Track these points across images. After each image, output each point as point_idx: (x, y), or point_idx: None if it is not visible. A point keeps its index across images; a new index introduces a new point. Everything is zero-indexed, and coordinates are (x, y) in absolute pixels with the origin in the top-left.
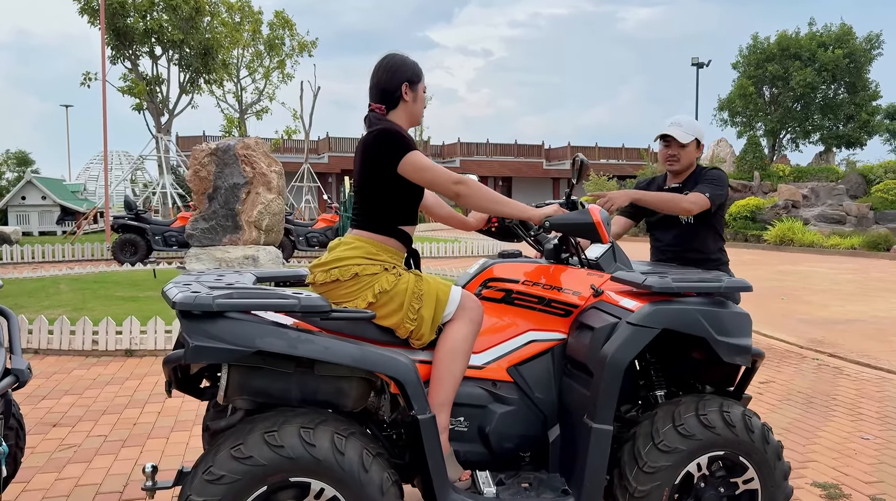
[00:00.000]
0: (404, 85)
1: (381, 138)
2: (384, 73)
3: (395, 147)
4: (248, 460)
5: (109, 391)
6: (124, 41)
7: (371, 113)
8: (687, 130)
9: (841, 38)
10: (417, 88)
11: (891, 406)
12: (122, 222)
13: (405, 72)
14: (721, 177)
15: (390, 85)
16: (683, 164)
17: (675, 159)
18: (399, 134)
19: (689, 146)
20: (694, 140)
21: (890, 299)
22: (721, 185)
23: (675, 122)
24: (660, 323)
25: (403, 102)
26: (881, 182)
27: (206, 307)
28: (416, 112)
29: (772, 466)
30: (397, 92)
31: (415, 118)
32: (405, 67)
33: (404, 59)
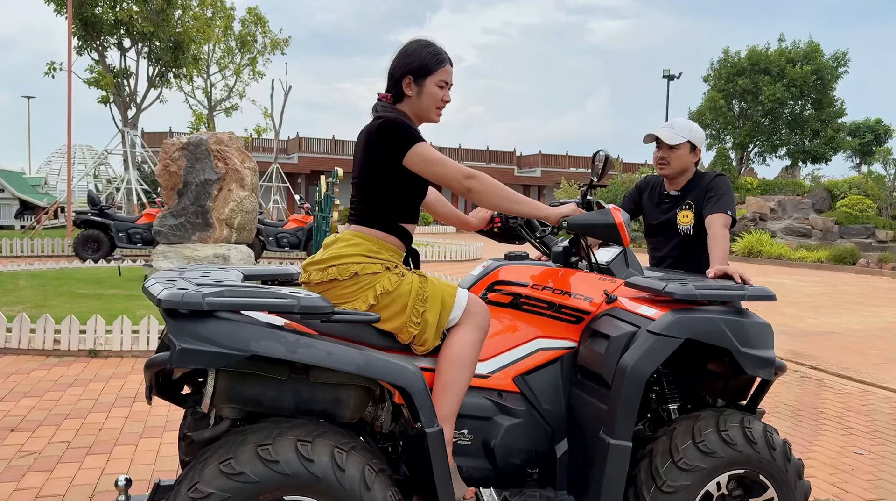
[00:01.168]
0: (407, 78)
1: (386, 129)
2: (396, 59)
3: (401, 138)
4: (239, 476)
5: (72, 393)
6: (92, 31)
7: (378, 102)
8: (678, 132)
9: (809, 54)
10: (424, 82)
11: (879, 420)
12: (85, 218)
13: (411, 63)
14: (726, 184)
15: (394, 75)
16: (674, 168)
17: (664, 163)
18: (405, 124)
19: (680, 149)
20: (686, 143)
21: (861, 313)
22: (729, 193)
23: (668, 124)
24: (683, 333)
25: (406, 96)
26: (846, 197)
27: (196, 306)
28: (423, 108)
29: (792, 485)
30: (399, 84)
31: (422, 115)
32: (413, 57)
33: (416, 49)
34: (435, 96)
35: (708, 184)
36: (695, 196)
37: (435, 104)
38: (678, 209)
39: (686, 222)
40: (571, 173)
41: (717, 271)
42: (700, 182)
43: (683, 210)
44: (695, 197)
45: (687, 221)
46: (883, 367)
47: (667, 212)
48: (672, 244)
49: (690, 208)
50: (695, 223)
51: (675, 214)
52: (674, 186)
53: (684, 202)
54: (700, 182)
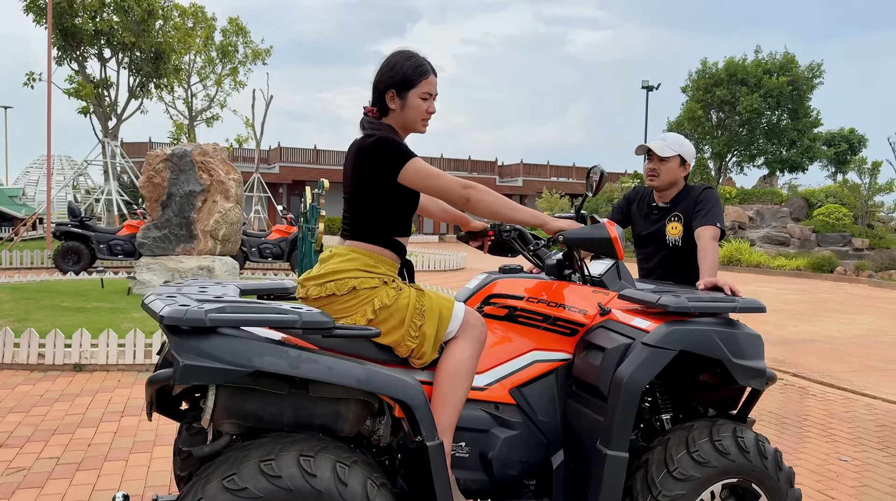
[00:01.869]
0: (390, 92)
1: (378, 148)
2: (379, 72)
3: (395, 156)
4: (242, 492)
5: (59, 408)
6: (72, 42)
7: (364, 117)
8: (670, 145)
9: (785, 65)
10: (407, 95)
11: (861, 427)
12: (65, 229)
13: (394, 76)
14: (715, 197)
15: (376, 90)
16: (664, 180)
17: (654, 174)
18: (396, 142)
19: (671, 163)
20: (676, 156)
21: (840, 320)
22: (720, 206)
23: (660, 137)
24: (678, 344)
25: (391, 110)
26: (822, 206)
27: (198, 323)
28: (408, 121)
29: (784, 493)
30: (383, 98)
31: (407, 127)
32: (396, 70)
33: (398, 62)
34: (419, 108)
35: (697, 197)
36: (683, 208)
37: (420, 116)
38: (667, 221)
39: (675, 234)
40: (553, 183)
41: (707, 283)
42: (689, 195)
43: (672, 222)
44: (683, 209)
45: (676, 232)
46: (863, 374)
47: (655, 223)
48: (661, 255)
49: (679, 220)
50: (683, 235)
51: (664, 225)
52: (663, 198)
53: (673, 214)
54: (689, 195)
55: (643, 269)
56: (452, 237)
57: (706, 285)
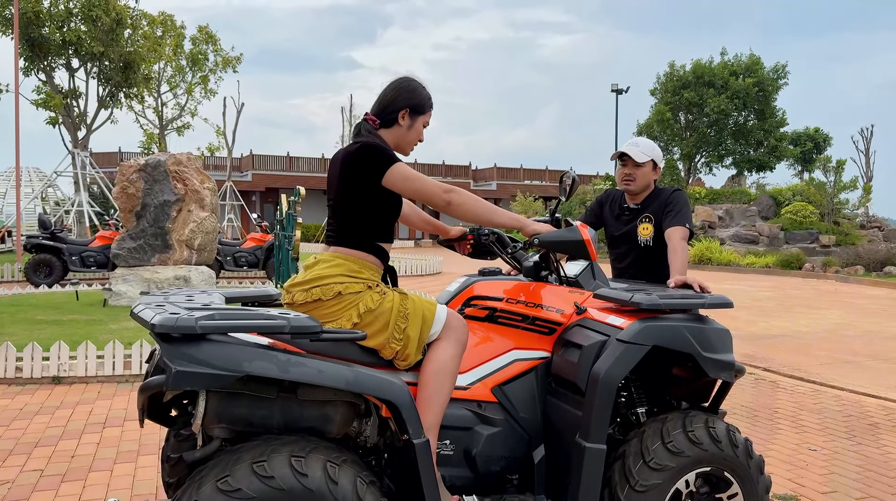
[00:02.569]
0: (404, 110)
1: (364, 152)
2: (391, 90)
3: (380, 160)
4: (236, 493)
5: (40, 421)
6: (39, 52)
7: (363, 122)
8: (644, 151)
9: (750, 67)
10: (417, 119)
11: (829, 418)
12: (36, 242)
13: (411, 98)
14: (683, 200)
15: (392, 104)
16: (639, 184)
17: (630, 179)
18: (381, 147)
19: (645, 167)
20: (650, 161)
21: (809, 315)
22: (687, 207)
23: (633, 142)
24: (650, 340)
25: (398, 125)
26: (790, 204)
27: (189, 330)
28: (406, 141)
29: (755, 480)
30: (395, 114)
31: (403, 146)
32: (414, 93)
33: (416, 87)
34: (419, 133)
35: (667, 198)
36: (654, 210)
37: (416, 140)
38: (638, 222)
39: (646, 235)
40: (526, 186)
41: (677, 281)
42: (659, 197)
43: (643, 223)
44: (654, 211)
45: (647, 233)
46: (831, 367)
47: (627, 224)
48: (633, 255)
49: (650, 221)
50: (654, 236)
51: (636, 226)
52: (634, 200)
53: (644, 215)
54: (659, 197)
55: (616, 269)
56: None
57: (676, 283)
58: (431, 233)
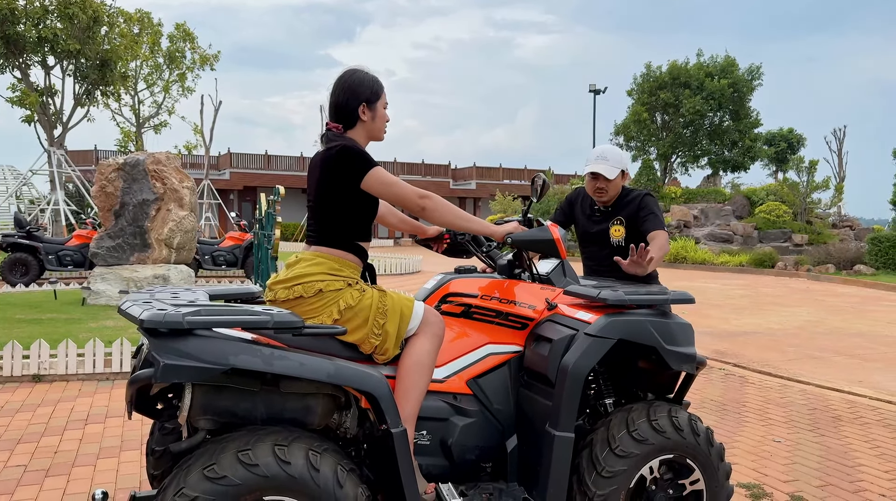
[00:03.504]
0: (362, 105)
1: (343, 155)
2: (342, 92)
3: (358, 163)
4: (222, 480)
5: (21, 418)
6: (14, 49)
7: (328, 131)
8: (613, 164)
9: (725, 68)
10: (376, 106)
11: (794, 411)
12: (12, 241)
13: (363, 91)
14: (655, 204)
15: (348, 105)
16: (611, 195)
17: (602, 192)
18: (361, 151)
19: (616, 179)
20: (620, 172)
21: (780, 313)
22: (659, 210)
23: (600, 155)
24: (616, 334)
25: (361, 121)
26: (764, 204)
27: (176, 325)
28: (376, 130)
29: (715, 467)
30: (355, 113)
31: (374, 135)
32: (363, 86)
33: (363, 78)
34: (384, 117)
35: (639, 203)
36: (626, 213)
37: (384, 123)
38: (610, 224)
39: (618, 236)
40: (506, 185)
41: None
42: (627, 198)
43: (615, 225)
44: (626, 214)
45: (619, 235)
46: (799, 362)
47: (599, 224)
48: (604, 255)
49: (622, 224)
50: (626, 237)
51: (608, 227)
52: (604, 203)
53: (616, 218)
54: (627, 198)
55: (588, 267)
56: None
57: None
58: (409, 232)
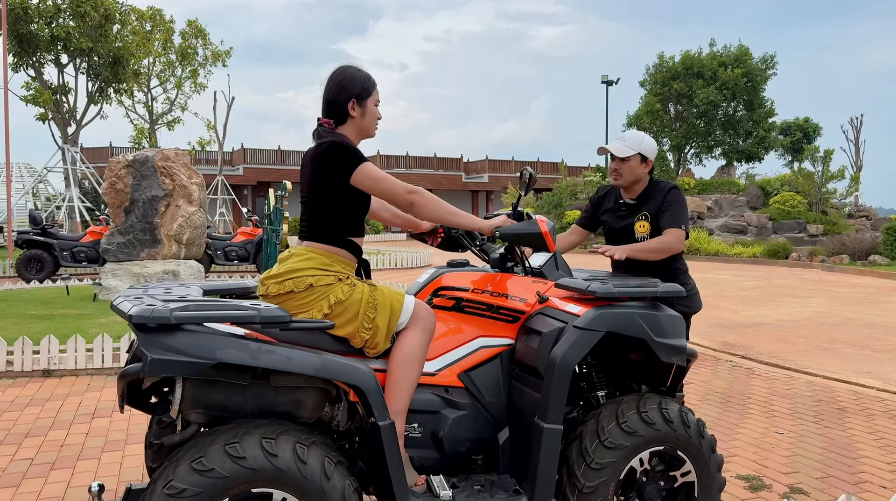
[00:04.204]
0: (351, 101)
1: (333, 151)
2: (333, 88)
3: (348, 159)
4: (209, 472)
5: (30, 413)
6: (28, 48)
7: (319, 127)
8: (629, 145)
9: (739, 58)
10: (366, 103)
11: (800, 403)
12: (27, 238)
13: (353, 87)
14: (680, 197)
15: (338, 101)
16: (627, 178)
17: (617, 174)
18: (350, 147)
19: (631, 161)
20: (637, 155)
21: (791, 304)
22: (684, 206)
23: (620, 136)
24: (604, 326)
25: (351, 118)
26: (778, 194)
27: (164, 320)
28: (366, 127)
29: (707, 459)
30: (345, 108)
31: (365, 132)
32: (353, 82)
33: (354, 74)
34: (374, 114)
35: (664, 196)
36: (651, 207)
37: (375, 120)
38: (635, 219)
39: (643, 232)
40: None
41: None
42: (655, 192)
43: (640, 220)
44: (651, 208)
45: (644, 230)
46: (807, 354)
47: (625, 219)
48: None
49: (647, 219)
50: (651, 232)
51: (633, 223)
52: (630, 195)
53: (641, 212)
54: (655, 192)
55: (614, 264)
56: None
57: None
58: (404, 228)
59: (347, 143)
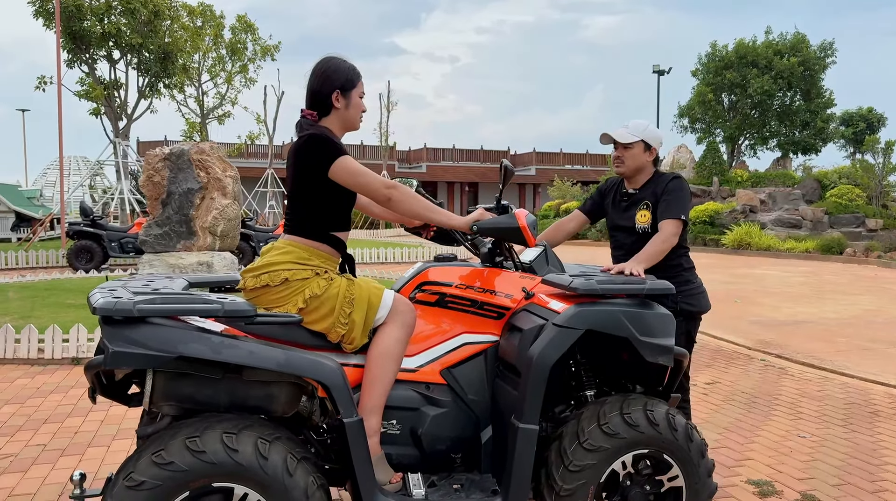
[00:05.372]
0: (335, 92)
1: (311, 144)
2: (316, 78)
3: (326, 152)
4: (168, 466)
5: (53, 399)
6: (81, 45)
7: (302, 118)
8: (632, 131)
9: (795, 46)
10: (351, 94)
11: (830, 405)
12: (78, 229)
13: (337, 79)
14: (681, 188)
15: (321, 92)
16: (629, 166)
17: (619, 161)
18: (329, 139)
19: (634, 149)
20: (640, 142)
21: (839, 301)
22: (684, 196)
23: (625, 124)
24: (584, 324)
25: (335, 109)
26: (835, 187)
27: (127, 313)
28: (350, 118)
29: (696, 463)
30: (328, 99)
31: (349, 124)
32: (338, 73)
33: (338, 65)
34: (359, 106)
35: (665, 186)
36: (652, 196)
37: (359, 112)
38: (637, 209)
39: (644, 222)
40: (566, 171)
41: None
42: (658, 182)
43: (641, 210)
44: (652, 197)
45: (644, 220)
46: (847, 354)
47: (626, 210)
48: (631, 242)
49: (648, 208)
50: (652, 223)
51: (634, 213)
52: (633, 185)
53: (643, 202)
54: (658, 182)
55: (615, 256)
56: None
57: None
58: (396, 222)
59: (326, 135)
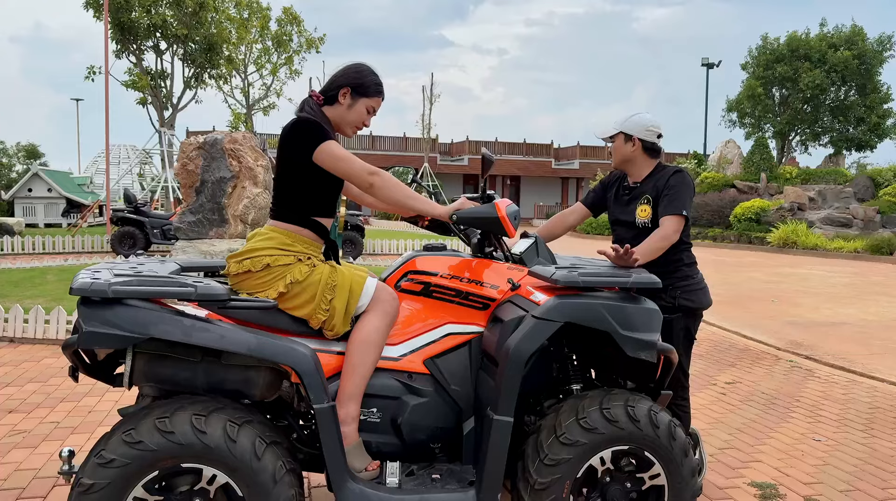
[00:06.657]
0: (346, 88)
1: (297, 127)
2: (344, 70)
3: (311, 136)
4: (138, 445)
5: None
6: (128, 36)
7: (306, 99)
8: (615, 125)
9: (851, 39)
10: (359, 99)
11: (853, 409)
12: (121, 215)
13: (355, 79)
14: (683, 182)
15: (335, 82)
16: (614, 159)
17: (610, 155)
18: (315, 123)
19: (616, 141)
20: (619, 134)
21: (882, 303)
22: (685, 191)
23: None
24: (562, 317)
25: (338, 103)
26: (890, 185)
27: (102, 294)
28: (347, 121)
29: (678, 462)
30: (336, 91)
31: (343, 127)
32: (359, 75)
33: (365, 71)
34: (361, 115)
35: (667, 180)
36: (653, 190)
37: (358, 121)
38: (637, 203)
39: (644, 217)
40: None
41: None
42: (657, 175)
43: (642, 204)
44: (653, 191)
45: (645, 215)
46: (881, 357)
47: (627, 204)
48: (631, 236)
49: (648, 203)
50: (652, 218)
51: (635, 207)
52: (634, 178)
53: (643, 196)
54: (657, 175)
55: None
56: None
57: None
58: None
59: (312, 120)
